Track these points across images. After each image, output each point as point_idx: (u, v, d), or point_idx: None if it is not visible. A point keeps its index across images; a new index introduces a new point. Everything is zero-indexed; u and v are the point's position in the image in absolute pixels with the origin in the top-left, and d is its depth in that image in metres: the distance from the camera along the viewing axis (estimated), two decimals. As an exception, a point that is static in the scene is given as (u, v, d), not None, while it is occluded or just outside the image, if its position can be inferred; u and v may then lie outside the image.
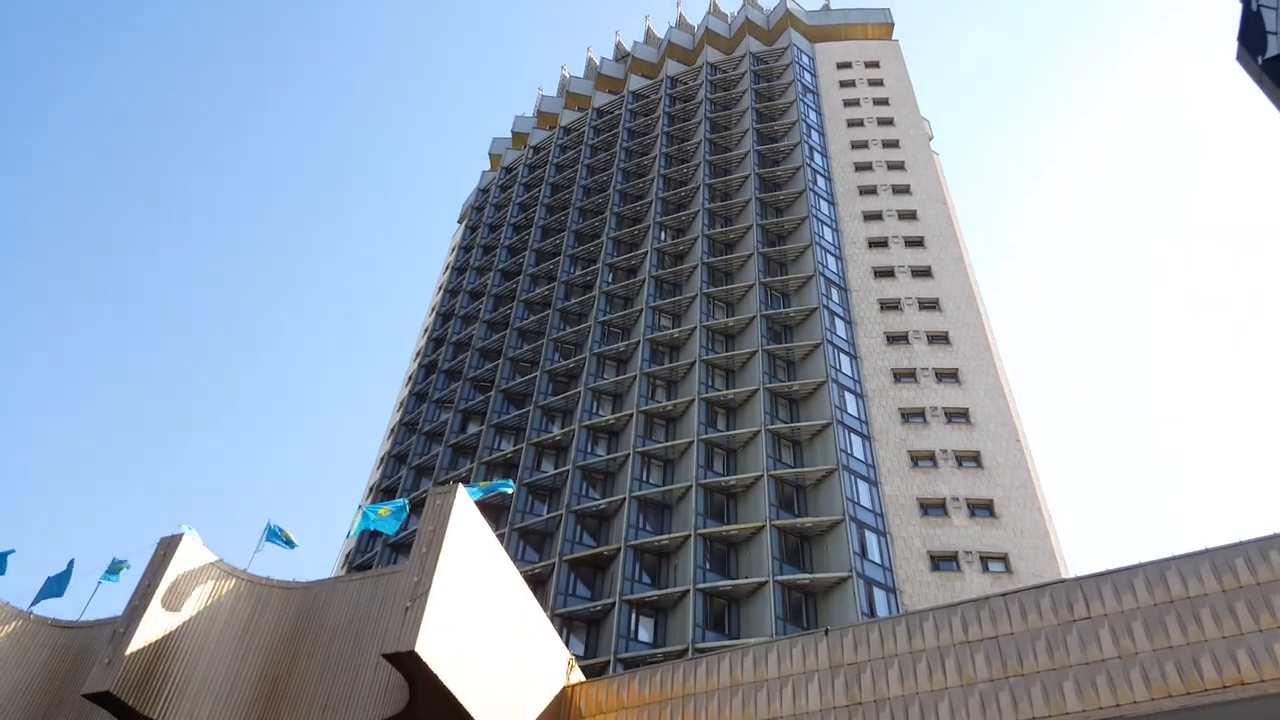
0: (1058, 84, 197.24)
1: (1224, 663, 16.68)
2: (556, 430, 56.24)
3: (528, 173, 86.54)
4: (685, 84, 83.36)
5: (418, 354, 78.49)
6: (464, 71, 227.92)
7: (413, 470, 61.87)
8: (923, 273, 58.74)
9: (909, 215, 63.06)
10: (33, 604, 20.71)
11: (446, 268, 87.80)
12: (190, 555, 18.86)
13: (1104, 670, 17.71)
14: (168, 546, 18.57)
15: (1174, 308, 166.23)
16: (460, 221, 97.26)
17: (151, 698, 16.79)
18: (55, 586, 21.18)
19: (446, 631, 17.22)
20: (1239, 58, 11.00)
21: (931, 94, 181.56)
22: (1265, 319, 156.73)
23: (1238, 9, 10.59)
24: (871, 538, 43.50)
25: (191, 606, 18.19)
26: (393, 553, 55.40)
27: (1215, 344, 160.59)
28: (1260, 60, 10.06)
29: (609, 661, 40.16)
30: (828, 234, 62.06)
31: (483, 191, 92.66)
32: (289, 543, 21.30)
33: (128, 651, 16.63)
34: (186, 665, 17.48)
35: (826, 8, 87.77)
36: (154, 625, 17.30)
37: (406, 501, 23.73)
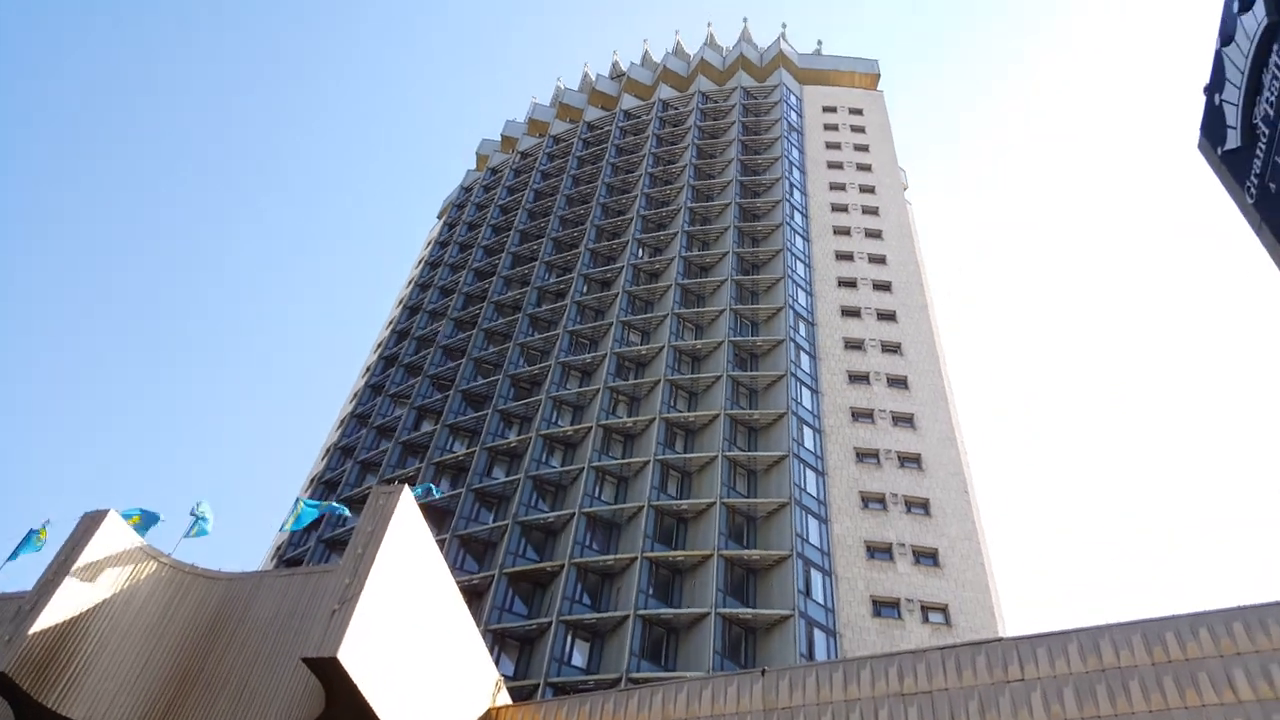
0: (1033, 141, 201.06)
1: (1149, 739, 16.74)
2: (513, 436, 55.68)
3: (513, 176, 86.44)
4: (676, 109, 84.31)
5: (379, 345, 77.55)
6: (460, 70, 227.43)
7: (358, 464, 60.75)
8: (888, 316, 59.44)
9: (879, 259, 64.07)
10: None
11: (420, 261, 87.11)
12: (113, 534, 18.14)
13: (1033, 734, 17.70)
14: (90, 523, 17.84)
15: (1131, 371, 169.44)
16: (439, 217, 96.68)
17: (50, 682, 15.99)
18: None
19: (372, 640, 16.71)
20: (1200, 147, 11.32)
21: (910, 141, 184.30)
22: (1226, 386, 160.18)
23: (1201, 101, 10.98)
24: (817, 576, 43.42)
25: (107, 588, 17.47)
26: (326, 549, 54.22)
27: (1170, 408, 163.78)
28: (1220, 151, 10.27)
29: (539, 685, 39.37)
30: (800, 268, 62.68)
31: (466, 190, 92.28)
32: (202, 526, 20.49)
33: (31, 630, 15.79)
34: (94, 650, 16.73)
35: (818, 52, 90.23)
36: (64, 604, 16.53)
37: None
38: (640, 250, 67.90)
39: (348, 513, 22.71)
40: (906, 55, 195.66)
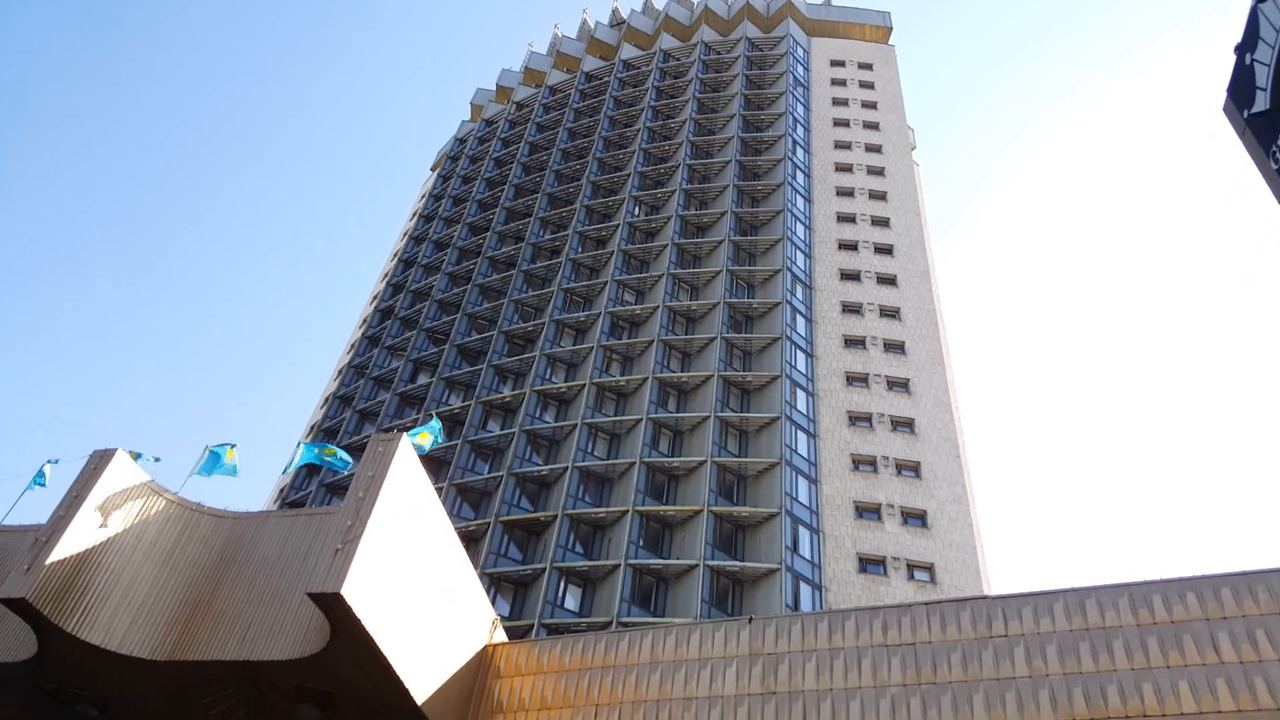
0: (1046, 96, 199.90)
1: (1130, 694, 17.26)
2: (507, 391, 55.92)
3: (508, 128, 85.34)
4: (678, 60, 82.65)
5: (375, 297, 77.36)
6: (456, 16, 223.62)
7: (357, 414, 61.09)
8: (888, 280, 59.27)
9: (882, 222, 63.55)
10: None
11: (414, 214, 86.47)
12: (121, 472, 18.40)
13: (1014, 688, 18.24)
14: (99, 461, 18.10)
15: (1129, 340, 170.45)
16: (433, 169, 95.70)
17: (68, 610, 16.40)
18: None
19: (374, 577, 17.11)
20: (1225, 109, 11.15)
21: (920, 100, 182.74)
22: (1220, 351, 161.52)
23: (1230, 60, 10.72)
24: (804, 534, 44.11)
25: (118, 523, 17.76)
26: (328, 493, 54.78)
27: (1172, 380, 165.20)
28: (1246, 115, 10.18)
29: (533, 626, 40.29)
30: (800, 230, 62.32)
31: (460, 141, 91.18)
32: (230, 468, 20.82)
33: (48, 560, 16.19)
34: (107, 581, 17.08)
35: (828, 2, 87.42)
36: (77, 537, 16.87)
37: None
38: (637, 208, 67.49)
39: (347, 462, 22.89)
40: (920, 7, 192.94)
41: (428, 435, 22.76)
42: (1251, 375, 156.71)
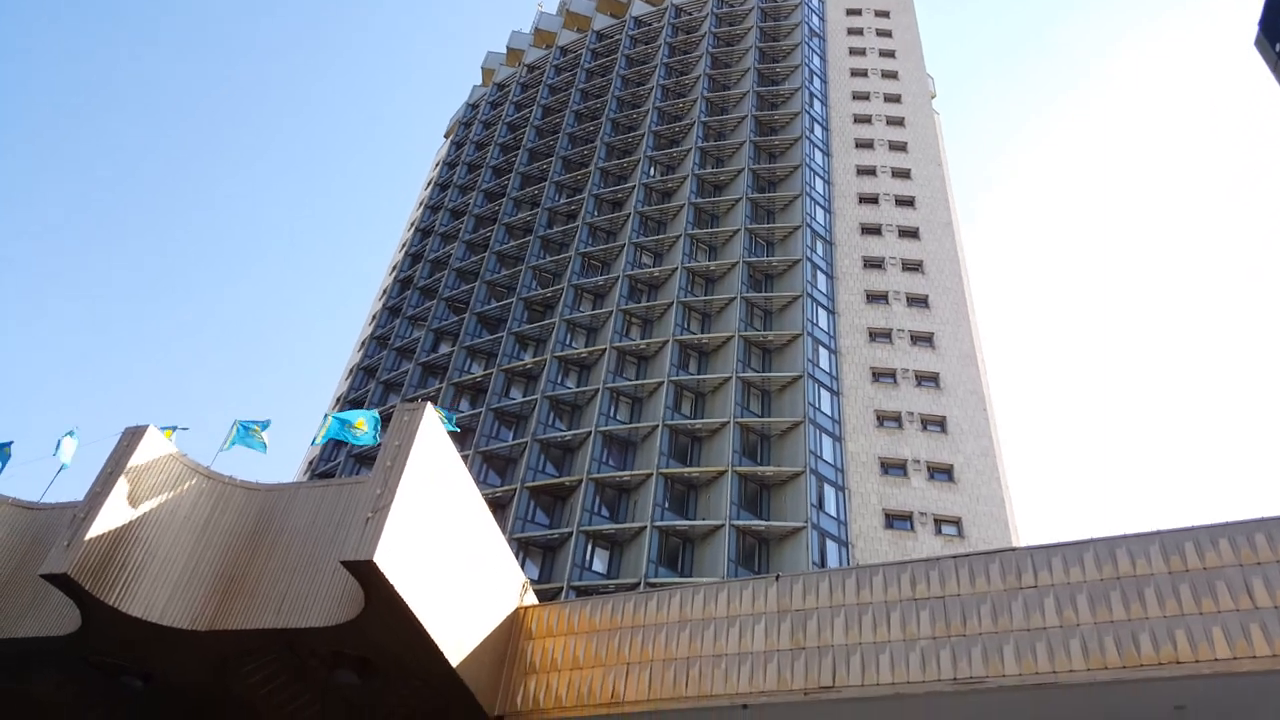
0: (1068, 46, 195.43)
1: (1162, 641, 17.16)
2: (528, 358, 56.08)
3: (520, 92, 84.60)
4: (690, 14, 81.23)
5: (394, 268, 77.52)
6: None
7: (381, 385, 61.58)
8: (910, 233, 58.60)
9: (903, 174, 62.62)
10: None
11: (429, 183, 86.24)
12: (154, 448, 18.66)
13: (1045, 638, 18.19)
14: (132, 437, 18.35)
15: (1157, 293, 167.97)
16: (447, 136, 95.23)
17: (108, 584, 16.76)
18: None
19: (405, 544, 17.29)
20: (1257, 43, 10.80)
21: (946, 51, 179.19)
22: (1247, 308, 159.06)
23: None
24: (830, 491, 44.17)
25: (153, 498, 18.06)
26: (356, 463, 55.44)
27: (1198, 332, 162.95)
28: (1277, 48, 9.86)
29: (562, 588, 40.82)
30: (819, 185, 61.57)
31: (472, 107, 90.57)
32: (259, 444, 21.03)
33: (87, 536, 16.51)
34: (145, 555, 17.42)
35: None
36: (114, 513, 17.17)
37: (378, 415, 23.42)
38: (652, 168, 66.90)
39: (373, 439, 22.69)
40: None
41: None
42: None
